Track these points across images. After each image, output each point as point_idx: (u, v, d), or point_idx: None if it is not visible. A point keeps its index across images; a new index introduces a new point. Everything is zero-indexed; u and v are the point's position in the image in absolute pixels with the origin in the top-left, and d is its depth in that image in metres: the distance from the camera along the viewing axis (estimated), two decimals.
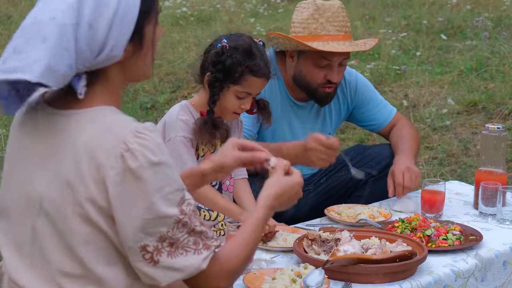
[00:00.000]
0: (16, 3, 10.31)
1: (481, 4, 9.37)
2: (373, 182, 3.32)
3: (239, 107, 2.67)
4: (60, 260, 1.67)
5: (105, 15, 1.65)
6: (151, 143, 1.63)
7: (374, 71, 7.08)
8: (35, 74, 1.58)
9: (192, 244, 1.68)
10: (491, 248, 2.74)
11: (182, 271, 1.68)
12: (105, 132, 1.64)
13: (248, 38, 2.69)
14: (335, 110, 3.43)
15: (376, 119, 3.48)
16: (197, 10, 10.07)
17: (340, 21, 3.15)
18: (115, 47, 1.67)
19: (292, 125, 3.33)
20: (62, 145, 1.66)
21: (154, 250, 1.65)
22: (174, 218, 1.65)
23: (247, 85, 2.64)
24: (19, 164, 1.73)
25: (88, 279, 1.67)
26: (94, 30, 1.64)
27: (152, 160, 1.62)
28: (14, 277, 1.73)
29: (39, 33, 1.60)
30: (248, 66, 2.62)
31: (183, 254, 1.67)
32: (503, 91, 6.38)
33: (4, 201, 1.76)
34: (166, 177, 1.64)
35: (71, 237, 1.65)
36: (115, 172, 1.61)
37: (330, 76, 3.16)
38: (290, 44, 3.14)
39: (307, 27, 3.15)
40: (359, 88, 3.45)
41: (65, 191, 1.64)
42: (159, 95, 6.69)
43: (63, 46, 1.61)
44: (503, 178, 3.16)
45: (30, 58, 1.59)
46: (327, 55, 3.13)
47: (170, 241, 1.65)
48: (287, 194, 1.97)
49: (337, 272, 2.40)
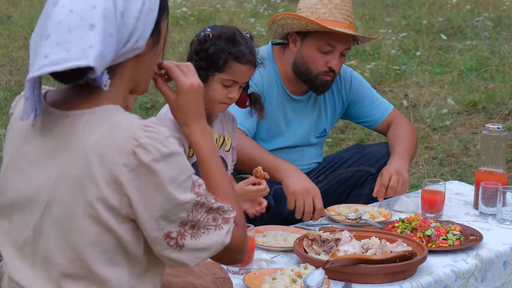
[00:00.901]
0: (16, 3, 10.31)
1: (481, 4, 9.38)
2: (372, 180, 3.32)
3: (226, 97, 2.63)
4: (63, 261, 1.67)
5: (135, 3, 1.69)
6: (160, 135, 1.65)
7: (374, 71, 7.08)
8: (92, 59, 1.60)
9: (212, 221, 1.71)
10: (491, 248, 2.74)
11: (208, 250, 1.71)
12: (114, 130, 1.65)
13: (233, 28, 2.67)
14: (330, 105, 3.44)
15: (372, 116, 3.48)
16: (197, 10, 10.08)
17: (347, 10, 3.19)
18: (140, 38, 1.71)
19: (288, 119, 3.34)
20: (71, 146, 1.66)
21: (178, 235, 1.67)
22: (192, 202, 1.67)
23: (232, 72, 2.60)
24: (21, 165, 1.73)
25: (91, 280, 1.67)
26: (124, 18, 1.67)
27: (164, 152, 1.63)
28: (15, 277, 1.73)
29: (84, 22, 1.62)
30: (231, 53, 2.58)
31: (205, 233, 1.70)
32: (503, 91, 6.38)
33: (5, 201, 1.76)
34: (179, 166, 1.66)
35: (78, 237, 1.65)
36: (129, 169, 1.62)
37: (331, 63, 3.18)
38: (298, 24, 3.15)
39: (315, 12, 3.17)
40: (354, 84, 3.46)
41: (75, 192, 1.64)
42: (159, 95, 6.69)
43: (109, 31, 1.64)
44: (503, 178, 3.16)
45: (80, 46, 1.60)
46: (332, 41, 3.16)
47: (192, 223, 1.68)
48: (193, 104, 1.92)
49: (337, 272, 2.40)
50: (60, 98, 1.74)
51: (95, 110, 1.68)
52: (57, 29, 1.63)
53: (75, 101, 1.71)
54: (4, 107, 6.39)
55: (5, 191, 1.76)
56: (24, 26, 9.00)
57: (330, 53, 3.18)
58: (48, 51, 1.62)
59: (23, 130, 1.75)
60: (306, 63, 3.21)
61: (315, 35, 3.17)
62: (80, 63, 1.59)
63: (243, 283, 2.35)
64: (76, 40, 1.61)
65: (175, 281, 2.04)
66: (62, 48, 1.61)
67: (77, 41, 1.61)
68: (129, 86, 1.78)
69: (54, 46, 1.62)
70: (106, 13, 1.63)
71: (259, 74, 3.22)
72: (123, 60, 1.71)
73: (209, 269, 2.15)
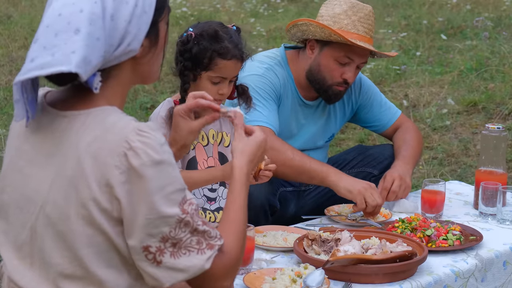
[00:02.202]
0: (16, 3, 10.31)
1: (481, 4, 9.38)
2: (374, 181, 3.32)
3: (216, 93, 2.62)
4: (60, 262, 1.66)
5: (126, 7, 1.67)
6: (153, 141, 1.63)
7: (374, 71, 7.08)
8: (73, 65, 1.58)
9: (195, 244, 1.67)
10: (491, 248, 2.74)
11: (186, 272, 1.67)
12: (107, 132, 1.64)
13: (216, 24, 2.65)
14: (340, 110, 3.44)
15: (380, 120, 3.49)
16: (197, 10, 10.08)
17: (369, 24, 3.17)
18: (134, 41, 1.69)
19: (300, 123, 3.34)
20: (65, 146, 1.66)
21: (156, 251, 1.64)
22: (176, 217, 1.63)
23: (218, 69, 2.60)
24: (20, 165, 1.73)
25: (88, 281, 1.67)
26: (115, 21, 1.66)
27: (155, 158, 1.61)
28: (13, 277, 1.73)
29: (70, 26, 1.61)
30: (215, 50, 2.57)
31: (186, 254, 1.66)
32: (503, 91, 6.38)
33: (3, 201, 1.76)
34: (169, 176, 1.64)
35: (73, 238, 1.65)
36: (120, 171, 1.61)
37: (346, 76, 3.18)
38: (321, 33, 3.14)
39: (338, 22, 3.16)
40: (363, 89, 3.46)
41: (68, 193, 1.64)
42: (159, 95, 6.69)
43: (95, 35, 1.62)
44: (503, 178, 3.16)
45: (63, 51, 1.60)
46: (351, 54, 3.15)
47: (173, 241, 1.64)
48: (256, 156, 1.97)
49: (337, 272, 2.40)
50: (59, 98, 1.74)
51: (91, 111, 1.68)
52: (45, 32, 1.63)
53: (73, 101, 1.70)
54: (4, 107, 6.39)
55: (5, 190, 1.76)
56: (24, 26, 9.00)
57: (347, 65, 3.17)
58: (35, 54, 1.61)
59: (21, 129, 1.75)
60: (322, 71, 3.20)
61: (335, 45, 3.16)
62: (63, 69, 1.58)
63: (243, 283, 2.35)
64: (62, 44, 1.60)
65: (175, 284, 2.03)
66: (48, 52, 1.60)
67: (62, 45, 1.60)
68: (128, 86, 1.77)
69: (41, 50, 1.61)
70: (92, 18, 1.62)
71: (276, 75, 3.22)
72: (118, 63, 1.70)
73: None
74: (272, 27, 8.81)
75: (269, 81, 3.19)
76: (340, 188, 3.01)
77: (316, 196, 3.45)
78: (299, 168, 3.06)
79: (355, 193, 2.97)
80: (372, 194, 2.97)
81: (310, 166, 3.06)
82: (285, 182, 3.37)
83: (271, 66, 3.24)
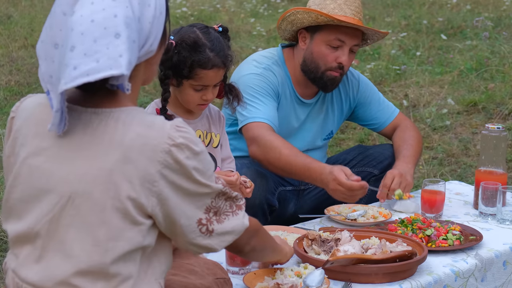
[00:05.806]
0: (16, 3, 10.31)
1: (481, 4, 9.38)
2: (374, 181, 3.32)
3: (200, 99, 2.62)
4: (79, 254, 1.69)
5: (148, 9, 1.74)
6: (191, 135, 1.74)
7: (374, 71, 7.08)
8: (124, 68, 1.64)
9: (229, 208, 1.85)
10: (491, 248, 2.74)
11: (233, 233, 1.85)
12: (150, 130, 1.71)
13: (198, 29, 2.62)
14: (337, 107, 3.44)
15: (378, 118, 3.49)
16: (197, 10, 10.08)
17: (356, 6, 3.21)
18: (154, 41, 1.78)
19: (298, 123, 3.34)
20: (105, 141, 1.70)
21: (207, 222, 1.80)
22: (219, 190, 1.81)
23: (199, 78, 2.58)
24: (38, 161, 1.74)
25: (100, 275, 1.69)
26: (141, 23, 1.73)
27: (196, 150, 1.74)
28: (18, 271, 1.74)
29: (108, 31, 1.65)
30: (194, 61, 2.56)
31: (225, 219, 1.84)
32: (503, 91, 6.38)
33: (15, 199, 1.77)
34: (207, 162, 1.78)
35: (101, 231, 1.68)
36: (163, 166, 1.70)
37: (341, 59, 3.19)
38: (308, 18, 3.16)
39: (325, 7, 3.19)
40: (361, 87, 3.46)
41: (107, 185, 1.68)
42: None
43: (132, 38, 1.68)
44: (503, 178, 3.16)
45: (108, 55, 1.64)
46: (341, 35, 3.17)
47: (214, 210, 1.81)
48: None
49: (337, 272, 2.40)
50: (77, 96, 1.76)
51: (123, 110, 1.74)
52: (81, 40, 1.65)
53: (96, 100, 1.74)
54: (4, 107, 6.39)
55: (16, 188, 1.77)
56: (24, 26, 9.00)
57: (339, 48, 3.19)
58: (77, 62, 1.64)
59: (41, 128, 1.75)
60: (316, 59, 3.22)
61: (324, 30, 3.18)
62: (114, 72, 1.64)
63: (243, 283, 2.35)
64: (104, 49, 1.64)
65: (177, 280, 2.04)
66: (91, 58, 1.64)
67: (105, 50, 1.64)
68: (139, 87, 1.84)
69: (82, 57, 1.64)
70: (127, 21, 1.68)
71: (273, 74, 3.23)
72: (137, 64, 1.76)
73: (210, 269, 2.16)
74: (272, 27, 8.81)
75: (267, 80, 3.20)
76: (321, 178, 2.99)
77: (316, 195, 3.45)
78: (285, 166, 3.05)
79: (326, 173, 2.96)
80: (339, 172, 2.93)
81: (296, 163, 3.04)
82: (284, 181, 3.37)
83: (269, 66, 3.25)
